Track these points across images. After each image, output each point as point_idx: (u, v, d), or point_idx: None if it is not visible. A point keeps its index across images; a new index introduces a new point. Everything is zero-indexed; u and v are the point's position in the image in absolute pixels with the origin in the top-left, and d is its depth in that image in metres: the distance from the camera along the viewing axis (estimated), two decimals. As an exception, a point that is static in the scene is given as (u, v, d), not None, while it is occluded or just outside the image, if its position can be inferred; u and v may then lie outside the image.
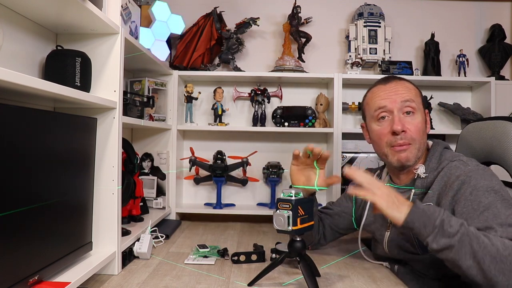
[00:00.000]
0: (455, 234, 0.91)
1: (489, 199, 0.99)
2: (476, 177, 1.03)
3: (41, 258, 0.91)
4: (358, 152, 2.08)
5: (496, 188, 1.01)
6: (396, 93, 1.17)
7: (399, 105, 1.16)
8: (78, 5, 0.99)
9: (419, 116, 1.17)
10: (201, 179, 2.07)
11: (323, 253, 1.43)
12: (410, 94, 1.17)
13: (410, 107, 1.16)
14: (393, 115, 1.16)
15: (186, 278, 1.16)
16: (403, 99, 1.16)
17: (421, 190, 1.15)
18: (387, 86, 1.21)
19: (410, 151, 1.15)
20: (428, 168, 1.16)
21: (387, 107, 1.17)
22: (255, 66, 2.22)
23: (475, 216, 0.98)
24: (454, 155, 1.15)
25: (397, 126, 1.13)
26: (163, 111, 1.97)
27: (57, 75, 1.07)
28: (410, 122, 1.15)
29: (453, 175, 1.08)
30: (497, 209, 0.97)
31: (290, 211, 1.04)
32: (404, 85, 1.20)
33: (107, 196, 1.20)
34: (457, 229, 0.92)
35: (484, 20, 2.27)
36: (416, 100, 1.18)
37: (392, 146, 1.17)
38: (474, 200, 1.00)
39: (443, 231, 0.92)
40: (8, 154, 0.78)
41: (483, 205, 0.99)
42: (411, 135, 1.14)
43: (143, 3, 1.87)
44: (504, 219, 0.95)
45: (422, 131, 1.17)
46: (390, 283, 1.14)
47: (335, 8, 2.26)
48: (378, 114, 1.19)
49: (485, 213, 0.97)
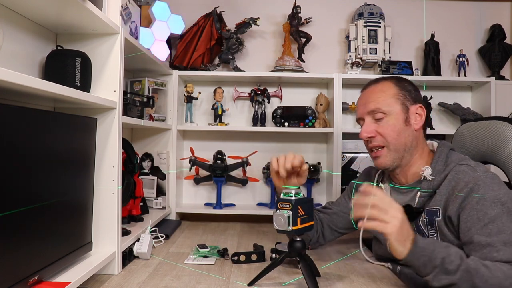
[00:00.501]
0: (456, 271, 0.92)
1: (495, 211, 0.99)
2: (484, 186, 1.03)
3: (41, 258, 0.91)
4: (358, 152, 2.08)
5: (503, 200, 1.01)
6: (366, 103, 1.22)
7: (367, 114, 1.21)
8: (78, 5, 0.99)
9: (390, 119, 1.18)
10: (201, 179, 2.07)
11: (323, 253, 1.43)
12: (377, 103, 1.19)
13: (378, 114, 1.19)
14: (364, 122, 1.22)
15: (186, 278, 1.16)
16: (369, 109, 1.20)
17: (427, 191, 1.15)
18: (362, 94, 1.28)
19: (385, 156, 1.19)
20: (435, 171, 1.15)
21: (360, 117, 1.25)
22: (255, 66, 2.22)
23: (479, 227, 0.99)
24: (461, 158, 1.15)
25: (363, 133, 1.21)
26: (163, 111, 1.97)
27: (57, 75, 1.07)
28: (380, 126, 1.19)
29: (462, 180, 1.07)
30: (502, 222, 0.98)
31: (290, 211, 1.04)
32: (375, 91, 1.23)
33: (107, 196, 1.20)
34: (458, 264, 0.92)
35: (484, 20, 2.27)
36: (386, 104, 1.18)
37: (371, 151, 1.24)
38: (480, 210, 1.00)
39: (444, 269, 0.93)
40: (8, 154, 0.78)
41: (488, 217, 0.99)
42: (381, 138, 1.19)
43: (143, 3, 1.87)
44: (508, 235, 0.96)
45: (397, 132, 1.17)
46: (390, 283, 1.14)
47: (335, 8, 2.26)
48: (359, 122, 1.27)
49: (490, 225, 0.98)
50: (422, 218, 1.13)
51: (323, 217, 1.42)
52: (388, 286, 1.12)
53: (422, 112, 1.21)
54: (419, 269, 0.97)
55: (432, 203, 1.12)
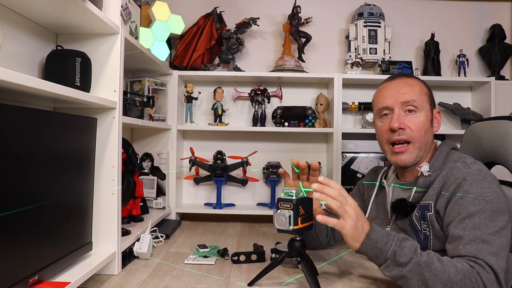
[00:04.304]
0: (407, 263, 0.94)
1: (477, 207, 0.99)
2: (471, 182, 1.02)
3: (41, 258, 0.91)
4: (358, 152, 2.08)
5: (489, 198, 1.00)
6: (398, 93, 1.17)
7: (400, 104, 1.16)
8: (78, 5, 0.99)
9: (421, 115, 1.16)
10: (201, 179, 2.07)
11: (322, 252, 1.43)
12: (413, 94, 1.16)
13: (411, 106, 1.15)
14: (394, 112, 1.17)
15: (186, 278, 1.16)
16: (404, 99, 1.16)
17: (422, 190, 1.15)
18: (391, 84, 1.22)
19: (409, 152, 1.15)
20: (433, 167, 1.15)
21: (388, 106, 1.18)
22: (255, 66, 2.22)
23: (456, 222, 1.00)
24: (460, 157, 1.14)
25: (394, 123, 1.14)
26: (163, 111, 1.97)
27: (57, 75, 1.07)
28: (411, 120, 1.15)
29: (453, 176, 1.07)
30: (479, 219, 0.97)
31: (291, 211, 1.04)
32: (408, 83, 1.19)
33: (107, 196, 1.20)
34: (410, 257, 0.94)
35: (484, 20, 2.27)
36: (420, 99, 1.16)
37: (392, 145, 1.17)
38: (462, 205, 1.01)
39: (395, 261, 0.95)
40: (9, 154, 0.78)
41: (467, 212, 0.99)
42: (410, 133, 1.14)
43: (143, 3, 1.87)
44: (482, 232, 0.96)
45: (425, 130, 1.16)
46: (390, 282, 1.14)
47: (335, 8, 2.26)
48: (381, 112, 1.21)
49: (466, 220, 0.98)
50: (415, 213, 1.13)
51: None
52: (388, 285, 1.12)
53: (439, 117, 1.22)
54: (372, 259, 1.00)
55: (425, 197, 1.12)
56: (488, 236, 0.95)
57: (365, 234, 0.99)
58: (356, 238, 0.98)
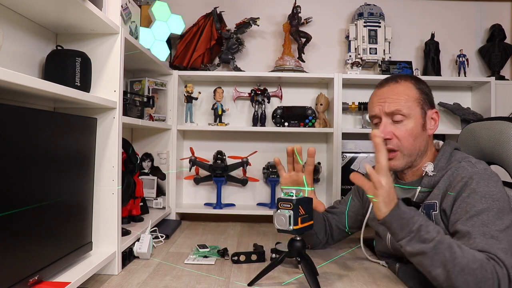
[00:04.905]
0: (431, 240, 0.94)
1: (484, 205, 1.00)
2: (478, 180, 1.04)
3: (41, 258, 0.91)
4: (358, 152, 2.08)
5: (495, 196, 1.01)
6: (385, 102, 1.18)
7: (386, 114, 1.18)
8: (78, 5, 0.99)
9: (409, 123, 1.15)
10: (201, 179, 2.07)
11: (322, 252, 1.43)
12: (398, 103, 1.16)
13: (398, 115, 1.16)
14: (382, 122, 1.18)
15: (186, 278, 1.16)
16: (389, 110, 1.16)
17: (426, 190, 1.15)
18: (379, 91, 1.22)
19: (398, 159, 1.17)
20: (437, 167, 1.16)
21: (376, 115, 1.20)
22: (255, 66, 2.22)
23: (464, 219, 1.00)
24: (464, 157, 1.15)
25: (380, 134, 1.15)
26: (163, 111, 1.97)
27: (57, 75, 1.07)
28: (398, 129, 1.16)
29: (459, 175, 1.08)
30: (487, 217, 0.98)
31: (291, 211, 1.04)
32: (394, 91, 1.18)
33: (107, 196, 1.20)
34: (434, 236, 0.94)
35: (484, 20, 2.27)
36: (407, 106, 1.15)
37: None
38: (469, 203, 1.02)
39: (419, 236, 0.95)
40: (8, 154, 0.78)
41: (475, 209, 1.00)
42: (397, 142, 1.16)
43: (143, 3, 1.87)
44: (490, 229, 0.96)
45: (414, 136, 1.15)
46: (390, 282, 1.14)
47: (335, 8, 2.26)
48: (372, 119, 1.24)
49: (475, 218, 0.99)
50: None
51: (331, 217, 1.42)
52: (388, 285, 1.12)
53: (436, 117, 1.21)
54: (396, 231, 0.99)
55: (430, 197, 1.13)
56: (497, 233, 0.96)
57: (395, 203, 0.99)
58: (387, 203, 0.99)
